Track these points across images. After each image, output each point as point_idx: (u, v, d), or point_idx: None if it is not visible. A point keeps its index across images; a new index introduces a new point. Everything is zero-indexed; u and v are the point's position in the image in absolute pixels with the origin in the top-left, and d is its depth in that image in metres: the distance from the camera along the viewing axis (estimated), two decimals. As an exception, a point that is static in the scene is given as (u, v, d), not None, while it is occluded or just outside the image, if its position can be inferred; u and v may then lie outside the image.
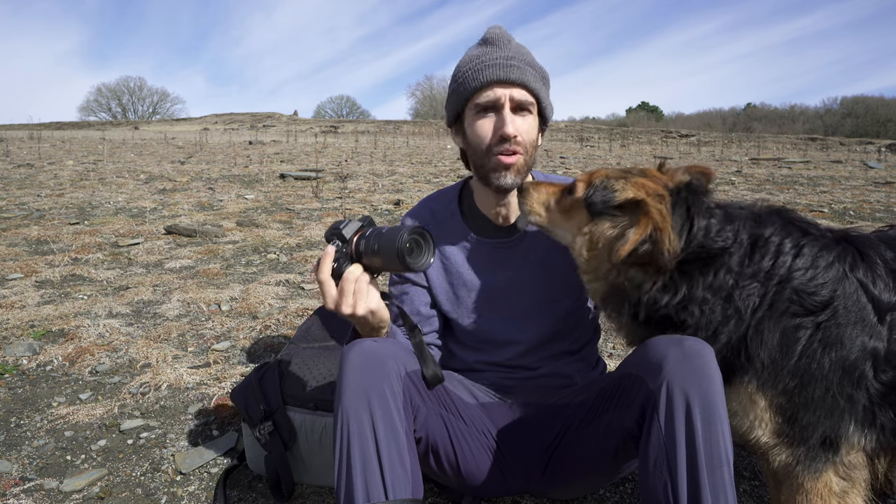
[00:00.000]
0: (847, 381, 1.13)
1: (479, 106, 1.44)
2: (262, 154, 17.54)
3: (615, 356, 2.75)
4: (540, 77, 1.45)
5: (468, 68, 1.43)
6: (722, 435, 1.07)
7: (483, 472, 1.46)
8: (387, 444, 1.16)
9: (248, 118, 55.84)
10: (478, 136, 1.45)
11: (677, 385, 1.09)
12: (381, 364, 1.21)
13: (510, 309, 1.57)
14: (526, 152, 1.45)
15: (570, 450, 1.41)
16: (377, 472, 1.14)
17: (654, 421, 1.11)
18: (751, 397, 1.18)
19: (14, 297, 3.53)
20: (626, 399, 1.23)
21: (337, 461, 1.17)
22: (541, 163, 15.32)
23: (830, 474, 1.18)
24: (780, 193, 9.42)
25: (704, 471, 1.05)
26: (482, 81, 1.40)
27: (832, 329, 1.13)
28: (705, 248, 1.18)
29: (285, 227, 5.99)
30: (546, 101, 1.48)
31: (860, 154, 27.74)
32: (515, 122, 1.41)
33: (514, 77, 1.39)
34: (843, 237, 1.23)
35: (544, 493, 1.60)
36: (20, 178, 9.92)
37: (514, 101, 1.41)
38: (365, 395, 1.17)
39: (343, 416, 1.17)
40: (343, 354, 1.24)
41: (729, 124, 67.12)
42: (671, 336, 1.18)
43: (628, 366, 1.27)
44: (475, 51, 1.45)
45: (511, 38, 1.46)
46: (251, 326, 3.10)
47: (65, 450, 1.97)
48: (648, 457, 1.12)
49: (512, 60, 1.40)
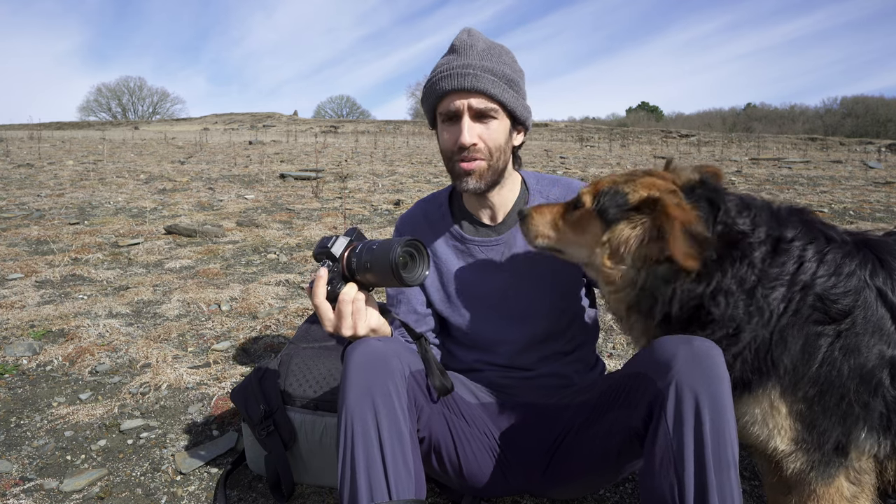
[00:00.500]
0: (864, 389, 1.13)
1: (442, 115, 1.47)
2: (262, 154, 17.54)
3: (615, 356, 2.75)
4: (503, 81, 1.42)
5: (432, 77, 1.46)
6: (730, 436, 1.07)
7: (485, 473, 1.47)
8: (391, 443, 1.16)
9: (248, 118, 55.83)
10: (442, 144, 1.50)
11: (686, 385, 1.08)
12: (386, 363, 1.21)
13: (501, 308, 1.58)
14: (490, 157, 1.46)
15: (572, 450, 1.41)
16: (381, 471, 1.14)
17: (662, 420, 1.11)
18: (773, 404, 1.16)
19: (14, 297, 3.53)
20: (633, 398, 1.23)
21: (341, 460, 1.17)
22: (540, 163, 15.32)
23: (842, 479, 1.17)
24: (780, 193, 9.42)
25: (712, 471, 1.05)
26: (441, 91, 1.43)
27: (851, 337, 1.13)
28: (728, 230, 1.17)
29: (285, 227, 5.99)
30: (514, 104, 1.45)
31: (860, 154, 27.74)
32: (474, 130, 1.43)
33: (468, 85, 1.39)
34: (863, 242, 1.22)
35: (545, 493, 1.60)
36: (20, 178, 9.92)
37: (473, 110, 1.42)
38: (369, 395, 1.17)
39: (347, 415, 1.17)
40: (347, 353, 1.24)
41: (729, 124, 67.12)
42: (680, 336, 1.16)
43: (635, 365, 1.26)
44: (442, 59, 1.47)
45: (477, 42, 1.44)
46: (251, 326, 3.10)
47: (65, 450, 1.97)
48: (654, 456, 1.12)
49: (469, 69, 1.39)
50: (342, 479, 1.16)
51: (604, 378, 1.45)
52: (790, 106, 73.48)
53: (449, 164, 1.50)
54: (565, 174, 11.95)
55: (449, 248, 1.61)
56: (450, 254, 1.61)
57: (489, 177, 1.48)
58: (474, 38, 1.46)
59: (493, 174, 1.49)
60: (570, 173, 12.46)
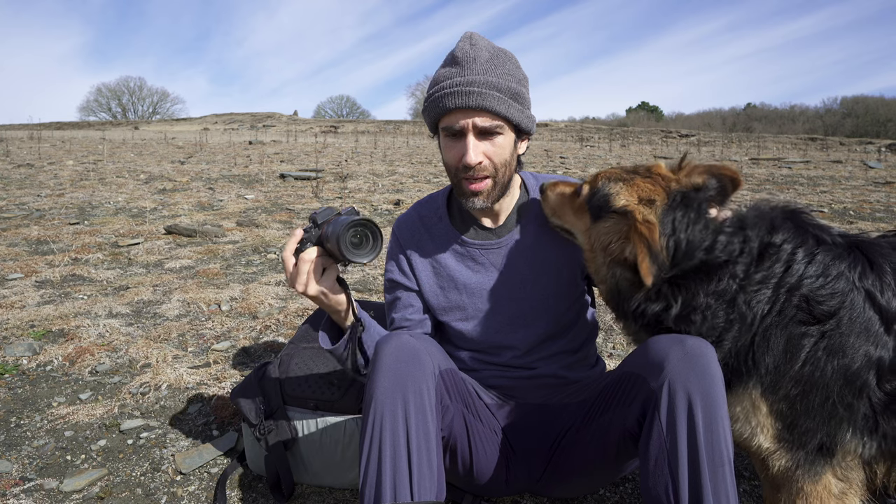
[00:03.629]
0: (848, 390, 1.14)
1: (445, 130, 1.44)
2: (262, 154, 17.54)
3: (615, 356, 2.75)
4: (509, 96, 1.38)
5: (435, 91, 1.41)
6: (723, 434, 1.08)
7: (492, 471, 1.47)
8: (417, 442, 1.16)
9: (248, 118, 55.84)
10: (446, 158, 1.47)
11: (679, 384, 1.09)
12: (419, 360, 1.21)
13: (503, 311, 1.56)
14: (496, 173, 1.44)
15: (572, 449, 1.42)
16: (406, 471, 1.14)
17: (656, 419, 1.11)
18: (754, 403, 1.18)
19: (14, 297, 3.53)
20: (627, 398, 1.23)
21: (366, 452, 1.17)
22: (540, 163, 15.32)
23: (829, 476, 1.18)
24: (780, 193, 9.42)
25: (706, 469, 1.06)
26: (445, 108, 1.38)
27: (836, 338, 1.13)
28: (707, 263, 1.18)
29: (285, 227, 5.99)
30: (519, 118, 1.42)
31: (860, 154, 27.73)
32: (479, 149, 1.40)
33: (473, 104, 1.35)
34: (855, 244, 1.22)
35: (546, 491, 1.60)
36: (20, 178, 9.92)
37: (478, 128, 1.39)
38: (400, 391, 1.17)
39: (377, 408, 1.17)
40: (378, 344, 1.25)
41: (729, 124, 67.11)
42: (673, 335, 1.17)
43: (629, 365, 1.27)
44: (443, 70, 1.42)
45: (480, 52, 1.40)
46: (251, 326, 3.10)
47: (65, 450, 1.97)
48: (649, 455, 1.13)
49: (473, 86, 1.35)
50: (366, 472, 1.16)
51: (602, 377, 1.45)
52: (790, 106, 73.59)
53: (454, 178, 1.48)
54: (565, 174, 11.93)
55: (448, 252, 1.59)
56: (449, 257, 1.58)
57: (496, 194, 1.47)
58: (477, 47, 1.41)
59: (500, 189, 1.47)
60: (571, 173, 12.46)
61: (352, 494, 1.74)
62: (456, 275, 1.57)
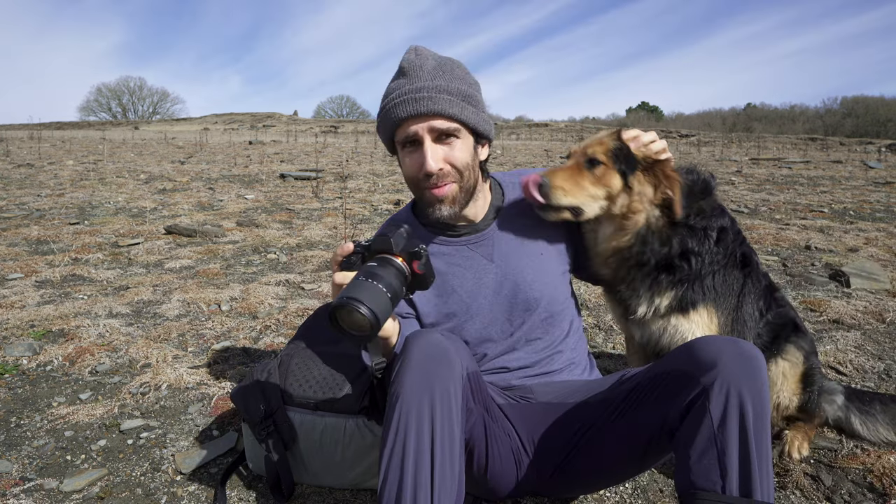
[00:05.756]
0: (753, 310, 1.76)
1: (401, 142, 1.43)
2: (262, 154, 17.54)
3: (615, 356, 2.75)
4: (460, 98, 1.38)
5: (386, 104, 1.41)
6: (767, 432, 1.15)
7: (505, 474, 1.46)
8: (441, 446, 1.15)
9: (248, 118, 55.85)
10: (406, 171, 1.45)
11: (733, 384, 1.14)
12: (449, 360, 1.20)
13: (483, 307, 1.55)
14: (460, 177, 1.43)
15: (594, 448, 1.40)
16: (428, 474, 1.13)
17: (706, 415, 1.14)
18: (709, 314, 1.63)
19: (14, 297, 3.53)
20: (669, 393, 1.23)
21: (388, 451, 1.15)
22: (541, 163, 15.32)
23: None
24: (780, 193, 9.41)
25: (755, 462, 1.11)
26: (398, 118, 1.38)
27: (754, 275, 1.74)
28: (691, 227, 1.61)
29: (285, 227, 5.99)
30: (474, 120, 1.41)
31: (860, 154, 27.72)
32: (438, 154, 1.39)
33: (425, 110, 1.35)
34: None
35: (552, 492, 1.58)
36: (20, 177, 9.92)
37: (435, 132, 1.38)
38: (428, 391, 1.16)
39: (403, 408, 1.16)
40: (408, 340, 1.23)
41: (729, 124, 67.11)
42: (723, 336, 1.27)
43: (669, 364, 1.27)
44: (392, 84, 1.42)
45: (425, 61, 1.40)
46: (251, 326, 3.10)
47: (65, 450, 1.97)
48: (694, 448, 1.15)
49: (423, 91, 1.35)
50: (387, 470, 1.15)
51: (629, 377, 1.42)
52: (790, 106, 73.55)
53: (417, 191, 1.46)
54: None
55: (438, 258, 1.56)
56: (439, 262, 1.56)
57: (462, 199, 1.46)
58: (422, 56, 1.41)
59: (465, 195, 1.46)
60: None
61: (352, 494, 1.74)
62: (449, 276, 1.56)
